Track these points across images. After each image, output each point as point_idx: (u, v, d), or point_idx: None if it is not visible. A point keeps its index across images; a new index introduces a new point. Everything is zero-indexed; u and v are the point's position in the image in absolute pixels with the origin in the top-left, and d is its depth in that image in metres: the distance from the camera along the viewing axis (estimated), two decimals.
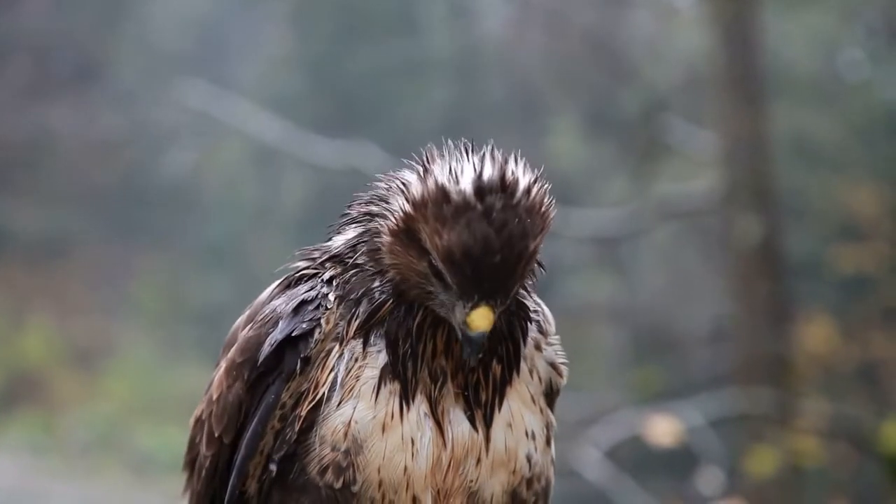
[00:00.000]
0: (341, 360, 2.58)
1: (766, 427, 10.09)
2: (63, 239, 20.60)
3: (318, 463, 2.57)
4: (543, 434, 2.70)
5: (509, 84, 18.07)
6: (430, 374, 2.57)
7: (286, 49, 20.04)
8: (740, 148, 10.54)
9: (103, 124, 20.56)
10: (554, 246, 12.79)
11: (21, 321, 20.31)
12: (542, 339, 2.70)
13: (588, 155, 16.48)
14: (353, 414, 2.56)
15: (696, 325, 14.25)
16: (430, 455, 2.57)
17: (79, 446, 18.64)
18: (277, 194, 19.91)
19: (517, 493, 2.66)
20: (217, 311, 19.27)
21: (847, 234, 13.31)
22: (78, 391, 19.60)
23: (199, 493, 2.76)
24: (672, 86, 14.07)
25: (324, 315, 2.58)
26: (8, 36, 20.45)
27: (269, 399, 2.58)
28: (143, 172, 20.34)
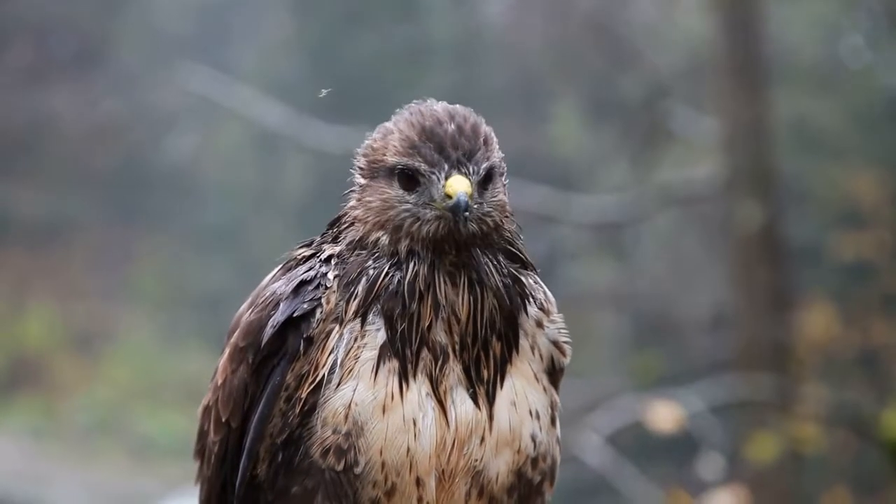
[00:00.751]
0: (341, 342, 2.58)
1: (766, 413, 10.09)
2: (64, 223, 20.59)
3: (320, 446, 2.57)
4: (548, 413, 2.69)
5: (510, 70, 18.04)
6: (430, 352, 2.57)
7: (287, 34, 20.00)
8: (742, 134, 10.54)
9: (104, 108, 20.53)
10: (555, 232, 12.82)
11: (21, 305, 20.31)
12: (544, 317, 2.70)
13: (589, 141, 16.46)
14: (353, 396, 2.56)
15: (697, 311, 14.25)
16: (434, 436, 2.57)
17: (79, 430, 18.66)
18: (278, 179, 19.89)
19: (522, 472, 2.65)
20: (217, 296, 19.27)
21: (848, 220, 13.31)
22: (78, 376, 19.62)
23: (209, 480, 2.75)
24: (674, 72, 14.05)
25: (324, 294, 2.60)
26: (9, 19, 20.42)
27: (274, 381, 2.59)
28: (144, 156, 20.32)
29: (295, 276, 2.64)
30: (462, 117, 2.59)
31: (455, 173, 2.55)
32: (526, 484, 2.66)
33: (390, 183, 2.60)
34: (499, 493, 2.63)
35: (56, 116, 20.37)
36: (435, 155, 2.55)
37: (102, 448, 18.42)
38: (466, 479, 2.61)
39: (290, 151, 18.23)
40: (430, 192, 2.56)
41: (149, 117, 20.52)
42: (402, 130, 2.59)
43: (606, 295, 15.27)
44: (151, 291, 20.36)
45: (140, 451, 18.31)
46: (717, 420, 9.46)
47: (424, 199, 2.57)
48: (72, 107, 20.33)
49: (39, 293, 20.41)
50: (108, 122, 20.49)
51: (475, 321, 2.59)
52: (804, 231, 13.25)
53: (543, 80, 17.38)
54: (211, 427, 2.73)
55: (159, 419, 18.44)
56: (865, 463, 11.54)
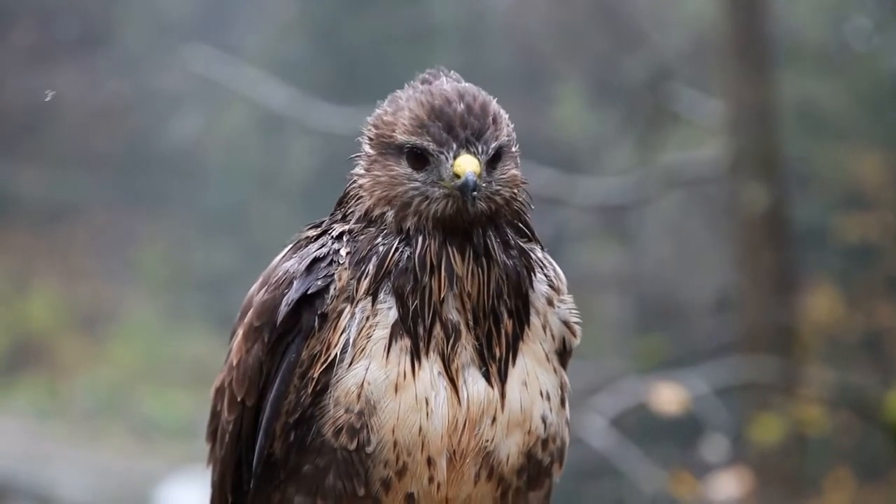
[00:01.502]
0: (353, 321, 2.58)
1: (770, 396, 10.09)
2: (68, 204, 20.60)
3: (332, 425, 2.57)
4: (558, 394, 2.69)
5: (515, 51, 18.01)
6: (443, 329, 2.57)
7: (292, 15, 19.97)
8: (746, 116, 10.51)
9: (108, 89, 20.51)
10: (560, 214, 12.81)
11: (26, 286, 20.33)
12: (555, 296, 2.71)
13: (594, 123, 16.44)
14: (365, 375, 2.56)
15: (702, 293, 14.24)
16: (446, 415, 2.57)
17: (83, 411, 18.70)
18: (282, 161, 19.88)
19: (532, 453, 2.64)
20: (221, 278, 19.28)
21: (853, 202, 13.29)
22: (82, 356, 19.64)
23: (223, 460, 2.75)
24: (678, 53, 14.01)
25: (336, 270, 2.60)
26: (12, 0, 20.39)
27: (290, 357, 2.59)
28: (148, 138, 20.30)
29: (307, 254, 2.64)
30: (471, 96, 2.59)
31: (464, 153, 2.55)
32: (535, 465, 2.66)
33: (398, 160, 2.60)
34: (508, 474, 2.63)
35: (60, 98, 20.35)
36: (444, 134, 2.56)
37: (106, 429, 18.45)
38: (477, 460, 2.60)
39: (294, 133, 18.22)
40: (439, 172, 2.56)
41: (153, 99, 20.50)
42: (412, 109, 2.59)
43: (611, 277, 15.27)
44: (156, 273, 20.37)
45: (144, 431, 18.34)
46: (722, 402, 9.46)
47: (433, 178, 2.57)
48: (76, 88, 20.30)
49: (44, 274, 20.43)
50: (113, 104, 20.47)
51: (484, 295, 2.59)
52: (809, 213, 13.24)
53: (547, 61, 17.35)
54: (225, 407, 2.73)
55: (163, 400, 18.47)
56: (869, 445, 11.55)
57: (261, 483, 2.66)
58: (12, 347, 19.68)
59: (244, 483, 2.71)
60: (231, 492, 2.74)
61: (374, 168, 2.64)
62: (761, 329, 10.32)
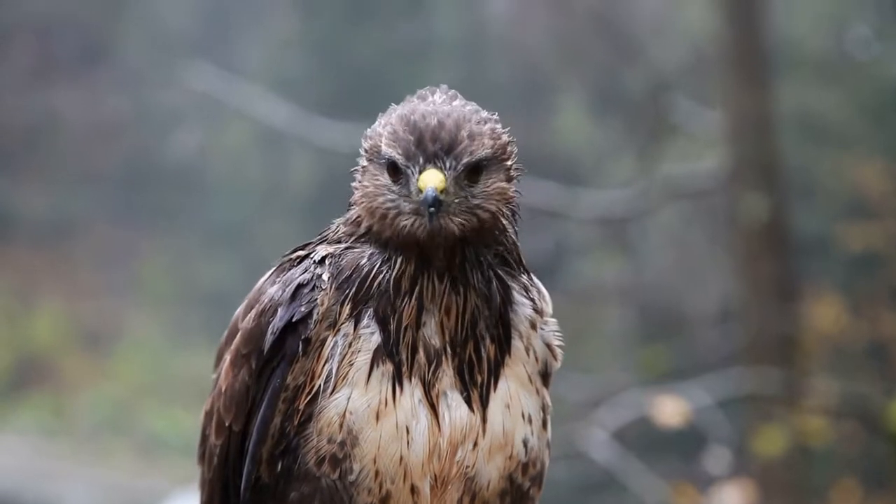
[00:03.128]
0: (335, 350, 2.59)
1: (773, 407, 10.07)
2: (70, 221, 20.62)
3: (315, 454, 2.59)
4: (540, 417, 2.69)
5: (515, 64, 18.03)
6: (424, 355, 2.57)
7: (292, 31, 20.00)
8: (747, 126, 10.50)
9: (109, 106, 20.54)
10: (561, 227, 12.81)
11: (29, 304, 20.34)
12: (538, 319, 2.70)
13: (594, 135, 16.44)
14: (347, 405, 2.57)
15: (704, 304, 14.23)
16: (427, 442, 2.57)
17: (87, 428, 18.69)
18: (283, 177, 19.90)
19: (513, 478, 2.65)
20: (224, 294, 19.27)
21: (855, 211, 13.28)
22: (86, 374, 19.65)
23: (210, 483, 2.77)
24: (678, 64, 14.02)
25: (319, 295, 2.60)
26: (13, 17, 20.44)
27: (275, 383, 2.60)
28: (149, 155, 20.32)
29: (291, 280, 2.64)
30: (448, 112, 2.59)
31: (430, 167, 2.54)
32: (517, 489, 2.66)
33: (382, 171, 2.61)
34: (490, 498, 2.64)
35: (61, 115, 20.38)
36: (412, 148, 2.56)
37: (111, 446, 18.45)
38: (459, 486, 2.61)
39: (295, 149, 18.24)
40: (408, 186, 2.57)
41: (154, 115, 20.52)
42: (393, 122, 2.61)
43: (613, 289, 15.26)
44: (159, 289, 20.38)
45: (148, 448, 18.34)
46: (724, 414, 9.45)
47: (404, 192, 2.58)
48: (77, 105, 20.34)
49: (47, 292, 20.44)
50: (114, 121, 20.50)
51: (461, 321, 2.59)
52: (811, 223, 13.23)
53: (548, 74, 17.36)
54: (213, 431, 2.75)
55: (167, 417, 18.46)
56: (874, 455, 11.52)
57: None
58: (16, 365, 19.68)
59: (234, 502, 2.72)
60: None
61: (364, 178, 2.65)
62: (764, 340, 10.30)
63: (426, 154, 2.54)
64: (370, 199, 2.62)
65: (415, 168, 2.55)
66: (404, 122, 2.58)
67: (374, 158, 2.62)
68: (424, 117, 2.57)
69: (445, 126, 2.56)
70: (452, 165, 2.54)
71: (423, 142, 2.55)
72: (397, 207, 2.58)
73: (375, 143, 2.63)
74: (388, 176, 2.60)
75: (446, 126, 2.56)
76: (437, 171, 2.53)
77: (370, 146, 2.65)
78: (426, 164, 2.54)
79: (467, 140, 2.56)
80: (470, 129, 2.57)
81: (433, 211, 2.51)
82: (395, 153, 2.57)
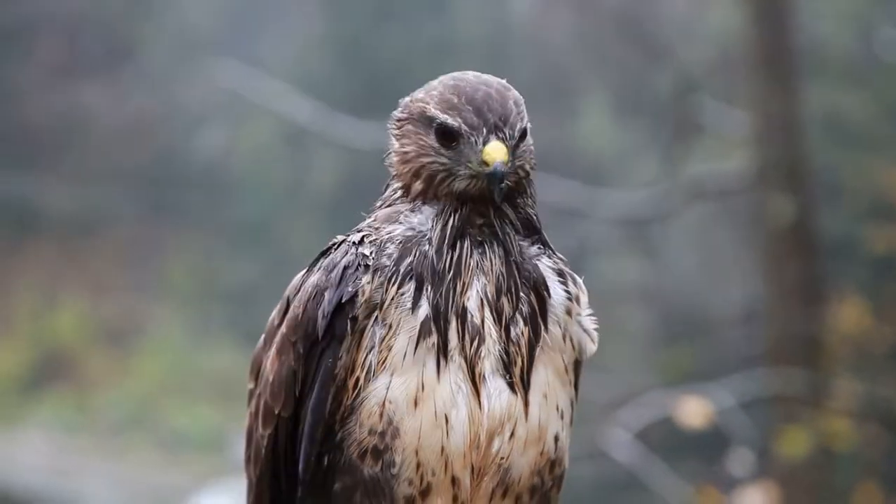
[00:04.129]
0: (375, 338, 2.58)
1: (797, 408, 10.02)
2: (95, 218, 20.70)
3: (357, 447, 2.58)
4: (569, 412, 2.68)
5: (540, 64, 18.02)
6: (469, 332, 2.56)
7: (317, 29, 20.04)
8: (773, 128, 10.46)
9: (135, 104, 20.62)
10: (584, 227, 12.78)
11: (53, 300, 20.44)
12: (574, 306, 2.69)
13: (619, 135, 16.42)
14: (386, 394, 2.56)
15: (728, 305, 14.19)
16: (466, 431, 2.56)
17: (110, 425, 18.76)
18: (308, 175, 19.94)
19: (542, 474, 2.64)
20: (247, 291, 19.32)
21: (880, 213, 13.21)
22: (109, 370, 19.72)
23: (259, 482, 2.75)
24: (704, 65, 13.98)
25: (364, 275, 2.60)
26: (40, 16, 20.53)
27: (326, 364, 2.60)
28: (175, 152, 20.40)
29: (333, 264, 2.64)
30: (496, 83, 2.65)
31: (493, 139, 2.59)
32: (541, 487, 2.65)
33: (427, 132, 2.64)
34: (522, 492, 2.63)
35: (87, 112, 20.47)
36: (473, 118, 2.60)
37: (133, 442, 18.51)
38: (494, 478, 2.60)
39: (319, 147, 18.26)
40: (468, 154, 2.59)
41: (180, 113, 20.59)
42: (443, 91, 2.64)
43: (636, 290, 15.23)
44: (182, 286, 20.45)
45: (171, 445, 18.39)
46: (748, 415, 9.40)
47: (461, 159, 2.60)
48: (103, 103, 20.42)
49: (71, 288, 20.53)
50: (140, 118, 20.58)
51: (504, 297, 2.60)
52: (836, 225, 13.17)
53: (572, 74, 17.34)
54: (259, 423, 2.73)
55: (190, 413, 18.52)
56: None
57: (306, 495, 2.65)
58: (40, 361, 19.77)
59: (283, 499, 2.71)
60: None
61: (403, 142, 2.68)
62: (788, 341, 10.26)
63: (488, 125, 2.59)
64: (413, 159, 2.65)
65: (478, 138, 2.59)
66: (456, 91, 2.63)
67: (416, 121, 2.65)
68: (476, 89, 2.63)
69: (496, 98, 2.62)
70: (510, 135, 2.60)
71: (483, 113, 2.59)
72: (448, 170, 2.61)
73: (417, 106, 2.65)
74: (435, 139, 2.63)
75: (497, 98, 2.62)
76: (500, 143, 2.58)
77: (408, 112, 2.68)
78: (489, 135, 2.58)
79: (515, 109, 2.62)
80: (513, 97, 2.64)
81: (503, 187, 2.56)
82: (452, 120, 2.60)
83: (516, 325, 2.60)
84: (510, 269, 2.61)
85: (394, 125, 2.72)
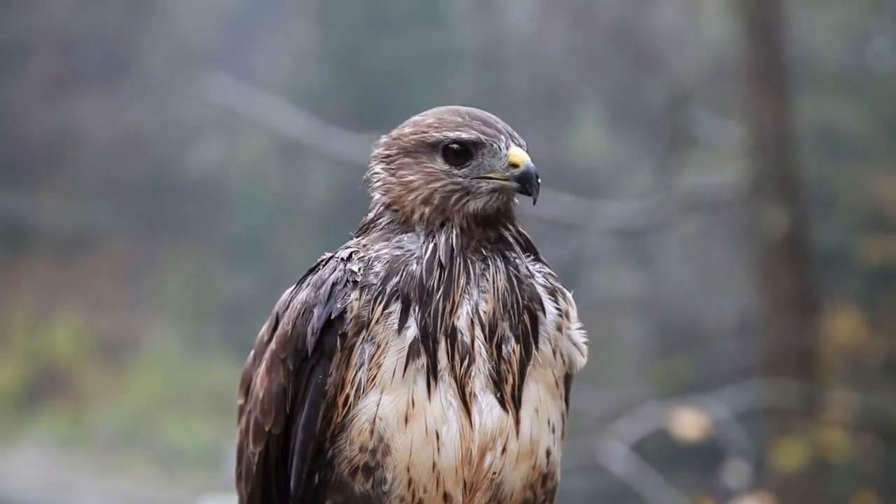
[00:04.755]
0: (364, 355, 2.58)
1: (792, 420, 10.03)
2: (89, 233, 20.67)
3: (348, 464, 2.58)
4: (560, 426, 2.68)
5: (534, 76, 18.03)
6: (459, 351, 2.56)
7: (311, 43, 20.04)
8: (766, 139, 10.48)
9: (129, 119, 20.61)
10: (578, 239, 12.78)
11: (48, 315, 20.39)
12: (564, 322, 2.69)
13: (613, 147, 16.43)
14: (376, 410, 2.56)
15: (723, 317, 14.18)
16: (457, 447, 2.56)
17: (106, 440, 18.71)
18: (302, 188, 19.92)
19: (534, 487, 2.64)
20: (243, 305, 19.30)
21: (874, 224, 13.23)
22: (105, 385, 19.68)
23: (250, 496, 2.75)
24: (697, 77, 14.00)
25: (353, 290, 2.59)
26: (34, 30, 20.52)
27: (316, 380, 2.59)
28: (169, 167, 20.38)
29: (321, 280, 2.63)
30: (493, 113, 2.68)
31: (513, 144, 2.61)
32: (533, 501, 2.65)
33: (432, 158, 2.63)
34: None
35: (82, 127, 20.45)
36: (487, 129, 2.61)
37: (129, 457, 18.47)
38: (486, 493, 2.60)
39: (314, 161, 18.26)
40: (490, 164, 2.60)
41: (174, 128, 20.58)
42: (441, 114, 2.65)
43: (631, 302, 15.23)
44: (177, 301, 20.42)
45: (167, 460, 18.35)
46: (743, 427, 9.40)
47: (479, 172, 2.60)
48: (97, 118, 20.41)
49: (66, 303, 20.49)
50: (134, 133, 20.57)
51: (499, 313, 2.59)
52: (830, 236, 13.17)
53: (567, 86, 17.36)
54: (250, 441, 2.73)
55: (186, 428, 18.48)
56: (892, 469, 11.46)
57: None
58: (35, 376, 19.73)
59: None
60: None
61: (402, 173, 2.65)
62: (783, 353, 10.26)
63: (504, 133, 2.62)
64: (423, 186, 2.63)
65: (499, 144, 2.60)
66: (457, 114, 2.64)
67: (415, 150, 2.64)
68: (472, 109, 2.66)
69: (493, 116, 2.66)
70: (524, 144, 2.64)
71: (493, 124, 2.63)
72: (464, 189, 2.61)
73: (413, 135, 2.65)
74: (444, 162, 2.62)
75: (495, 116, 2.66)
76: (519, 148, 2.61)
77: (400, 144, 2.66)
78: (509, 140, 2.61)
79: None
80: None
81: (539, 182, 2.59)
82: (466, 134, 2.61)
83: (507, 342, 2.59)
84: (513, 285, 2.61)
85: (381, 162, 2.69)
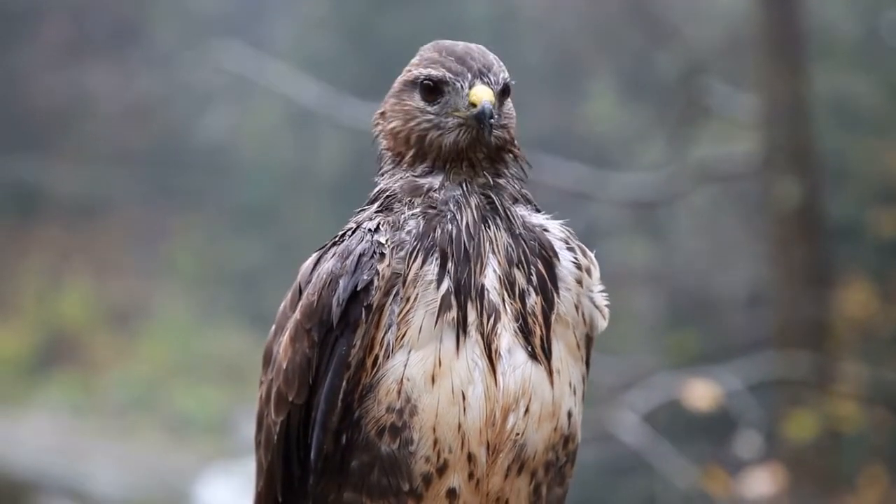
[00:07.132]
0: (393, 316, 2.58)
1: (804, 391, 10.03)
2: (100, 200, 20.70)
3: (375, 424, 2.58)
4: (581, 388, 2.68)
5: (546, 47, 17.97)
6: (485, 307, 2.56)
7: (322, 10, 19.99)
8: (780, 110, 10.45)
9: (140, 86, 20.61)
10: (591, 210, 12.76)
11: (59, 282, 20.45)
12: (584, 277, 2.69)
13: (626, 118, 16.38)
14: (404, 371, 2.56)
15: (734, 288, 14.17)
16: (483, 407, 2.56)
17: (116, 407, 18.79)
18: (313, 157, 19.92)
19: (556, 450, 2.64)
20: (253, 273, 19.33)
21: (887, 197, 13.19)
22: (115, 352, 19.74)
23: (269, 467, 2.74)
24: (711, 48, 13.95)
25: (380, 264, 2.59)
26: None
27: (340, 351, 2.59)
28: (180, 134, 20.38)
29: (348, 251, 2.63)
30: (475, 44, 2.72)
31: (478, 82, 2.63)
32: (555, 463, 2.65)
33: (412, 95, 2.69)
34: (537, 468, 2.63)
35: (93, 94, 20.46)
36: (457, 65, 2.65)
37: (139, 424, 18.53)
38: (510, 454, 2.60)
39: (325, 129, 18.24)
40: (455, 102, 2.64)
41: (185, 95, 20.58)
42: (425, 52, 2.72)
43: (643, 273, 15.21)
44: (188, 269, 20.45)
45: (176, 427, 18.41)
46: (755, 398, 9.39)
47: (447, 109, 2.64)
48: (109, 85, 20.41)
49: (77, 270, 20.54)
50: (145, 100, 20.56)
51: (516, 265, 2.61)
52: (843, 208, 13.14)
53: (579, 57, 17.31)
54: (272, 409, 2.71)
55: (195, 395, 18.54)
56: None
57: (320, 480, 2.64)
58: (46, 343, 19.80)
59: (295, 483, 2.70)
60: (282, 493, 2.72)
61: (390, 117, 2.72)
62: (795, 324, 10.26)
63: (472, 71, 2.65)
64: (402, 125, 2.69)
65: (464, 83, 2.63)
66: (437, 48, 2.70)
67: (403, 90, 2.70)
68: (455, 44, 2.70)
69: (476, 50, 2.69)
70: (495, 81, 2.65)
71: (466, 61, 2.65)
72: (436, 125, 2.65)
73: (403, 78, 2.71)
74: (420, 98, 2.67)
75: (477, 51, 2.69)
76: (485, 86, 2.63)
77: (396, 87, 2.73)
78: (475, 79, 2.64)
79: (496, 62, 2.68)
80: (493, 55, 2.71)
81: (492, 122, 2.60)
82: (436, 71, 2.65)
83: (529, 296, 2.60)
84: (517, 240, 2.62)
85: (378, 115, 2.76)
